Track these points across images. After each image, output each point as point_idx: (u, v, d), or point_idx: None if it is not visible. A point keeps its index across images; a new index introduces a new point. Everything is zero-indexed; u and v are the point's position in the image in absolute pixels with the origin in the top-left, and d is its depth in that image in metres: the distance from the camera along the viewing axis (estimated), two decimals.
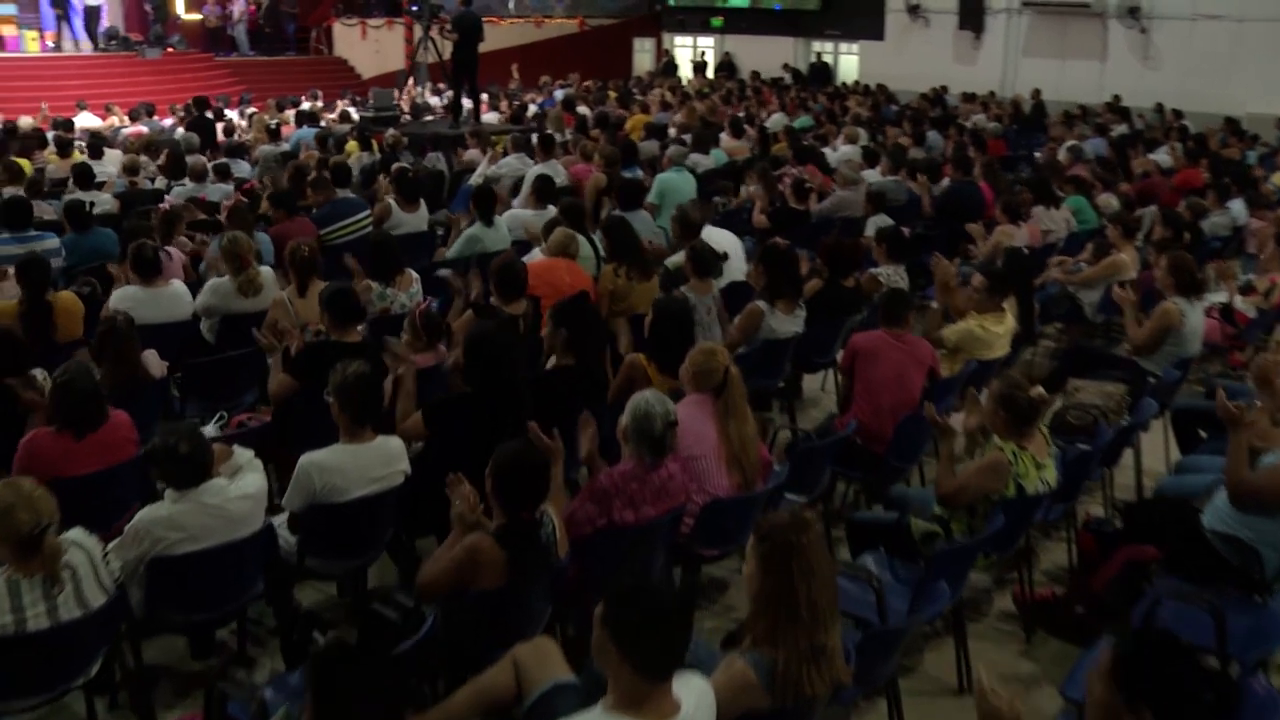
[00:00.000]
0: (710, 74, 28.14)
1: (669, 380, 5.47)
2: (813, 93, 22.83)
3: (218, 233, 8.52)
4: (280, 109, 18.29)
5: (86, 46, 24.83)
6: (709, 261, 6.82)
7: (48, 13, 25.45)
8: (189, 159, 12.01)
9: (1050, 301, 8.91)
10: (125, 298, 7.01)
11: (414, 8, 15.86)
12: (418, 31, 16.01)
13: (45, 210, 9.95)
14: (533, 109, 19.69)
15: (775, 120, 17.85)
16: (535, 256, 7.66)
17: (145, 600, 4.15)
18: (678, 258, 7.76)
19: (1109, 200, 11.35)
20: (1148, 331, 6.88)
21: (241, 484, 4.36)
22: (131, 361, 5.84)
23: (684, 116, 17.76)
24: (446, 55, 15.57)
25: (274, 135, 14.73)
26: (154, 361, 6.11)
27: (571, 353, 5.59)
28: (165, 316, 7.06)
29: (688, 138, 14.74)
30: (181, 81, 23.84)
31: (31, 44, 24.85)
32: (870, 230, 10.06)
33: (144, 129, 16.66)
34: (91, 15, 24.45)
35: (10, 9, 25.16)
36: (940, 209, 10.98)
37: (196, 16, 27.90)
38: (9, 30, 24.85)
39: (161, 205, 9.02)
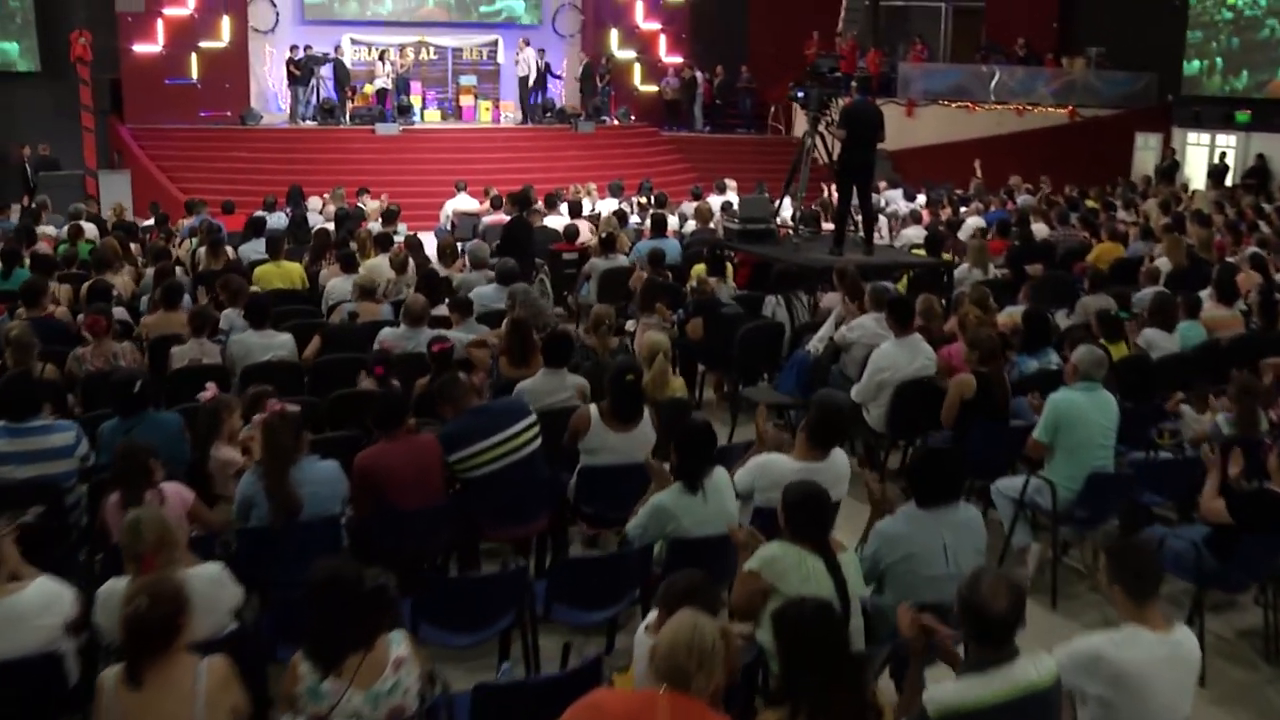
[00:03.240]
0: (1229, 182, 21.89)
1: None
2: None
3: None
4: (660, 203, 15.09)
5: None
6: None
7: (509, 83, 24.41)
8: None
9: None
10: None
11: (800, 94, 12.08)
12: (802, 123, 12.18)
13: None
14: (975, 223, 15.21)
15: None
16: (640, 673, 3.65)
17: None
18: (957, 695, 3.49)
19: None
20: None
21: None
22: None
23: (1166, 250, 12.54)
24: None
25: (607, 245, 11.56)
26: None
27: None
28: None
29: (1144, 295, 9.97)
30: (609, 157, 21.73)
31: (484, 114, 23.80)
32: None
33: (505, 217, 14.16)
34: (522, 86, 22.84)
35: (471, 79, 24.28)
36: None
37: (654, 88, 25.82)
38: (467, 100, 23.97)
39: (205, 392, 5.87)
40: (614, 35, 25.24)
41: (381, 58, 22.62)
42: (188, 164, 20.25)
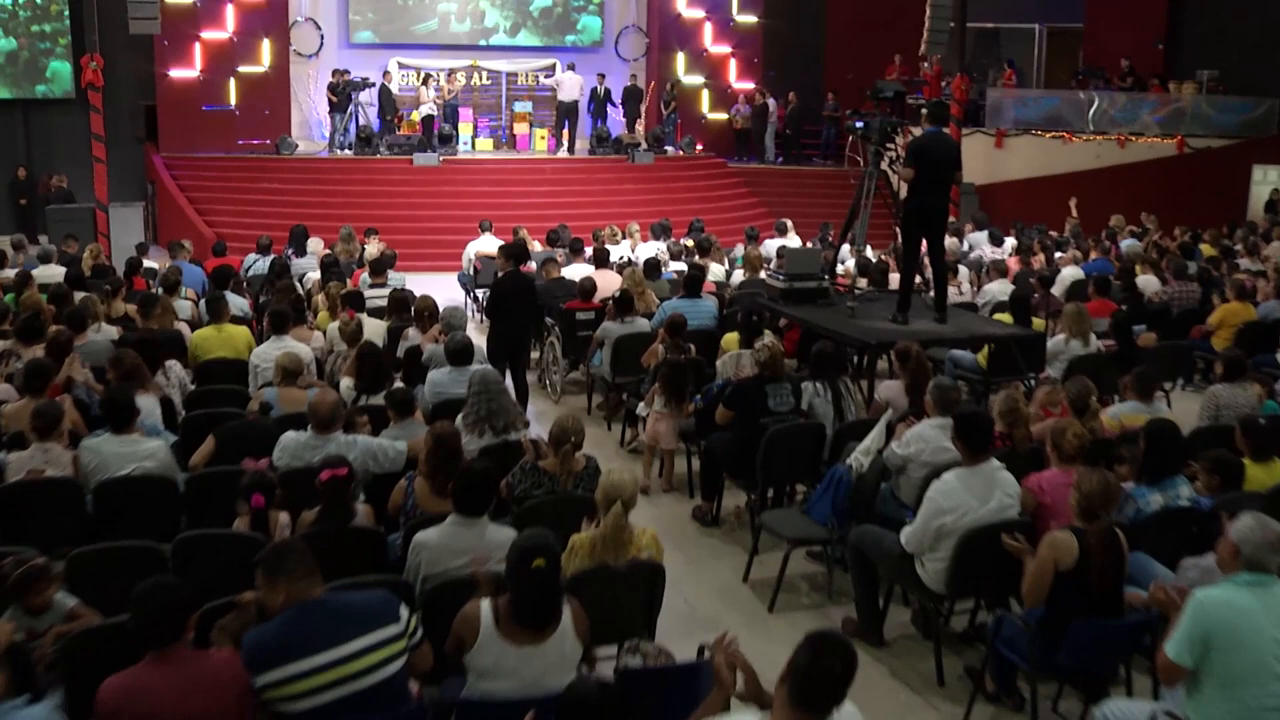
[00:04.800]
0: None
1: None
2: None
3: None
4: (703, 250, 12.91)
5: (583, 147, 21.52)
6: None
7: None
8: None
9: None
10: None
11: (858, 124, 9.92)
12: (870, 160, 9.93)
13: None
14: (1072, 274, 12.79)
15: None
16: None
17: None
18: None
19: None
20: None
21: None
22: None
23: None
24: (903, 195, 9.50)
25: (623, 307, 9.48)
26: None
27: None
28: None
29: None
30: (669, 191, 19.78)
31: (540, 142, 21.94)
32: None
33: (530, 264, 12.18)
34: (564, 113, 20.87)
35: (526, 106, 22.42)
36: None
37: (723, 116, 23.70)
38: (521, 129, 22.12)
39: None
40: (681, 59, 23.27)
41: (425, 83, 20.86)
42: (219, 195, 18.71)
